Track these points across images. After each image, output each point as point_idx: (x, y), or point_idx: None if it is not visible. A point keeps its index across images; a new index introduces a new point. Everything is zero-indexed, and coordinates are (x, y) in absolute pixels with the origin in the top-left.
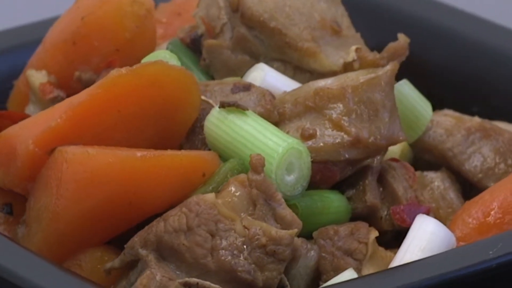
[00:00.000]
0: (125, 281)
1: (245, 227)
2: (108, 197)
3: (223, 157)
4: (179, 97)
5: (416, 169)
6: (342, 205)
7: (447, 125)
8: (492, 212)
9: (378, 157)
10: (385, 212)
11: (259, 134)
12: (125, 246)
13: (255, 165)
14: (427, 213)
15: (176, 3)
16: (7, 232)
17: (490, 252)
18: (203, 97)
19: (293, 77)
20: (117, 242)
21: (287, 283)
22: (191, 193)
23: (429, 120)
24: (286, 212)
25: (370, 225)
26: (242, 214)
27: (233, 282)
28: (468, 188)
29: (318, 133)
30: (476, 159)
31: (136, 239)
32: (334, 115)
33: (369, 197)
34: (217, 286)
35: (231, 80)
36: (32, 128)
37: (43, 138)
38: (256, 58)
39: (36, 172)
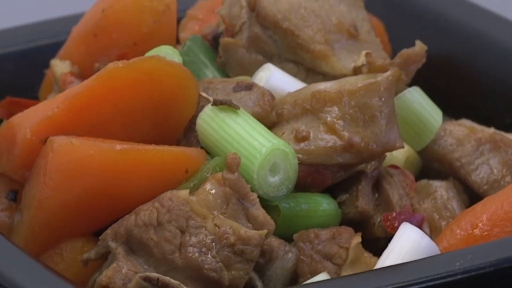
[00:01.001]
0: (98, 272)
1: (216, 225)
2: (89, 189)
3: (212, 155)
4: (176, 93)
5: (423, 178)
6: (331, 209)
7: (459, 135)
8: (480, 224)
9: (374, 163)
10: (379, 219)
11: (246, 133)
12: (99, 238)
13: (230, 164)
14: (421, 222)
15: (214, 1)
16: (8, 219)
17: (457, 264)
18: (204, 94)
19: (305, 79)
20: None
21: (257, 283)
22: (174, 189)
23: (438, 128)
24: (259, 212)
25: (363, 231)
26: (215, 212)
27: (200, 280)
28: (476, 199)
29: (311, 136)
30: (483, 171)
31: (108, 231)
32: (329, 119)
33: (361, 203)
34: (177, 282)
35: (235, 78)
36: (32, 116)
37: (40, 127)
38: (269, 58)
39: (33, 161)
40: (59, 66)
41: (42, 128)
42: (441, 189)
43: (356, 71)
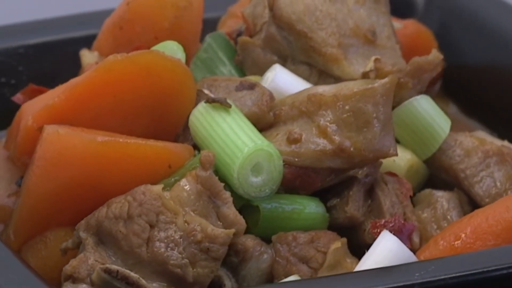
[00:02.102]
0: None
1: (186, 221)
2: (72, 179)
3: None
4: (173, 88)
5: (430, 187)
6: (316, 212)
7: (468, 146)
8: (463, 236)
9: (366, 169)
10: (369, 225)
11: (232, 132)
12: (75, 227)
13: (203, 162)
14: (411, 231)
15: None
16: (12, 204)
17: (417, 274)
18: (206, 91)
19: (318, 82)
20: None
21: (225, 282)
22: (156, 183)
23: (444, 138)
24: (229, 211)
25: (354, 237)
26: (187, 208)
27: (165, 275)
28: None
29: (303, 138)
30: (487, 183)
31: (82, 222)
32: (322, 122)
33: (350, 208)
34: (136, 276)
35: (240, 77)
36: (37, 104)
37: (40, 115)
38: (283, 59)
39: (34, 148)
40: (87, 56)
41: (43, 116)
42: (442, 199)
43: (365, 76)
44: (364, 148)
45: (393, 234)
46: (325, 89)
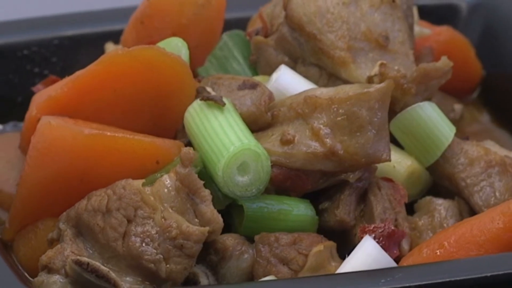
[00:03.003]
0: None
1: (163, 217)
2: (61, 170)
3: (194, 148)
4: (172, 84)
5: (433, 195)
6: (305, 214)
7: (472, 155)
8: (446, 245)
9: (358, 173)
10: (358, 230)
11: (221, 130)
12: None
13: (182, 159)
14: (400, 237)
15: None
16: None
17: (382, 281)
18: (208, 89)
19: (327, 84)
20: None
21: (200, 280)
22: (144, 178)
23: (447, 146)
24: (207, 209)
25: (346, 241)
26: (166, 204)
27: (139, 269)
28: None
29: (296, 140)
30: (486, 193)
31: (64, 213)
32: (316, 124)
33: (340, 212)
34: (106, 269)
35: (244, 77)
36: (43, 95)
37: (44, 105)
38: (294, 61)
39: None
40: (111, 49)
41: (46, 107)
42: (441, 207)
43: (369, 80)
44: (356, 153)
45: (382, 240)
46: (323, 92)
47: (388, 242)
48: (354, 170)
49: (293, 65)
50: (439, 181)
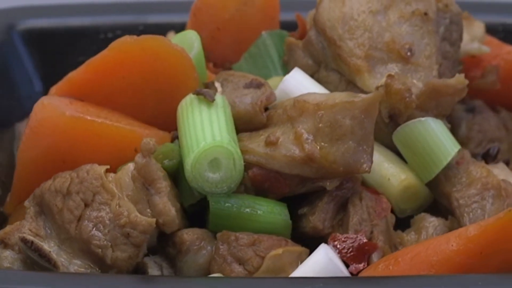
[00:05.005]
0: None
1: (118, 205)
2: (46, 150)
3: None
4: (175, 76)
5: (431, 211)
6: (275, 217)
7: (474, 176)
8: (400, 261)
9: (335, 181)
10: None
11: (200, 126)
12: None
13: (141, 149)
14: (371, 250)
15: None
16: None
17: None
18: (216, 84)
19: (344, 91)
20: None
21: (148, 270)
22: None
23: (445, 164)
24: (159, 201)
25: None
26: (124, 192)
27: (89, 253)
28: None
29: (279, 142)
30: (476, 215)
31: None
32: (299, 129)
33: (314, 219)
34: (48, 249)
35: (253, 75)
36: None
37: (61, 87)
38: (318, 64)
39: None
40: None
41: (62, 89)
42: (430, 225)
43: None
44: (335, 161)
45: (351, 251)
46: (315, 97)
47: (357, 253)
48: (333, 178)
49: (317, 69)
50: (438, 199)
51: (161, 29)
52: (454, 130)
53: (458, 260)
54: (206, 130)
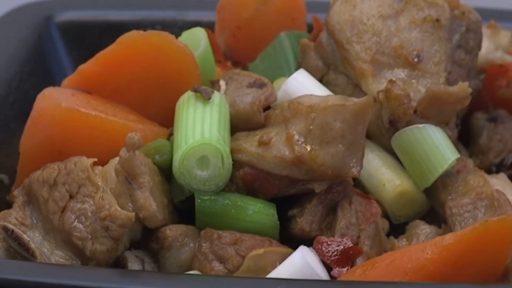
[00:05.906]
0: None
1: (101, 198)
2: (44, 140)
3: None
4: (180, 73)
5: (427, 219)
6: (261, 217)
7: (471, 186)
8: (377, 267)
9: (324, 184)
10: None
11: (191, 123)
12: None
13: (126, 143)
14: (355, 255)
15: None
16: None
17: None
18: (221, 82)
19: (351, 94)
20: None
21: (128, 264)
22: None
23: (441, 172)
24: (141, 196)
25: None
26: (108, 186)
27: (70, 245)
28: None
29: (272, 143)
30: (468, 225)
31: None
32: (291, 130)
33: (302, 221)
34: (27, 239)
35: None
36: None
37: (72, 80)
38: (327, 67)
39: None
40: None
41: (73, 81)
42: (422, 232)
43: (377, 96)
44: (324, 163)
45: (336, 254)
46: (311, 99)
47: (341, 257)
48: (321, 180)
49: (326, 71)
50: (435, 206)
51: (200, 27)
52: (475, 139)
53: (432, 268)
54: (197, 127)
